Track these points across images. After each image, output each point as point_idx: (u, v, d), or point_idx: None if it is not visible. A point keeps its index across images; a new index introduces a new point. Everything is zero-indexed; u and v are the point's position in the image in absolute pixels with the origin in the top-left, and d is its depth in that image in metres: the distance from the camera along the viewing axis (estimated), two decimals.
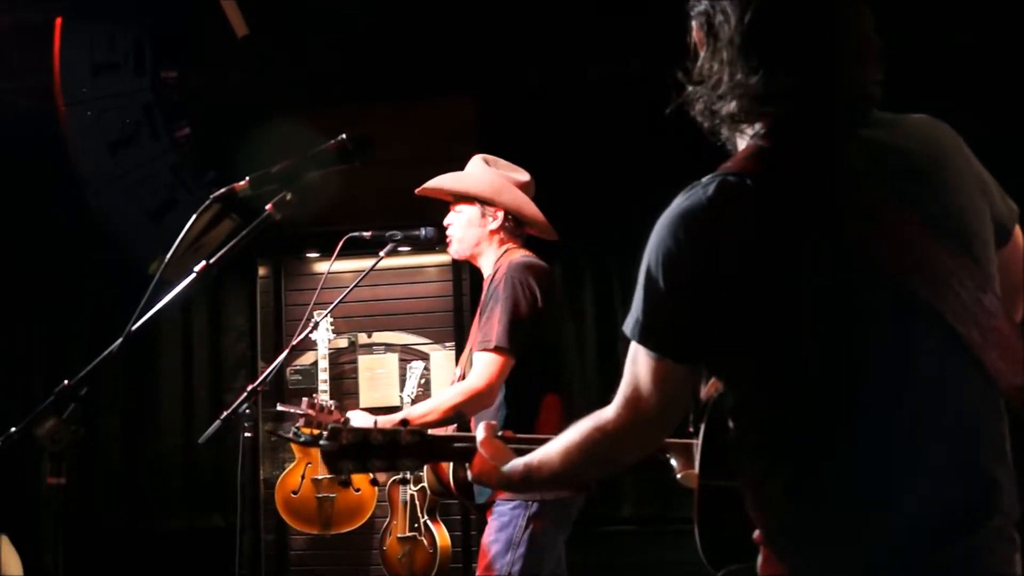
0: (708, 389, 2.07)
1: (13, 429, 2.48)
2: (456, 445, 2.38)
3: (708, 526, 2.00)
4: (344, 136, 2.88)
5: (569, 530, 4.06)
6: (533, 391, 3.94)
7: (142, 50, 5.84)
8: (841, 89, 1.84)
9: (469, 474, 2.38)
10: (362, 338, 7.18)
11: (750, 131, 1.90)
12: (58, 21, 5.68)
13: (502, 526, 3.90)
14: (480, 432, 2.29)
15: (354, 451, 2.28)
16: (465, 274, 6.84)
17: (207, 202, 2.90)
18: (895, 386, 1.74)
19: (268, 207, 2.94)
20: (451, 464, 4.11)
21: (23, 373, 7.63)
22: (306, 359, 6.92)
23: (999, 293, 1.80)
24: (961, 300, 1.73)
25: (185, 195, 6.07)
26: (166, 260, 2.97)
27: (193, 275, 2.88)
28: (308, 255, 7.29)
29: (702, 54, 1.90)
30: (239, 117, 6.84)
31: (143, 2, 5.97)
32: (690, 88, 1.93)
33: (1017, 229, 1.97)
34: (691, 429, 2.17)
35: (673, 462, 2.41)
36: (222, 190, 2.91)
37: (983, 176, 1.90)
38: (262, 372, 6.82)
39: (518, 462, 2.17)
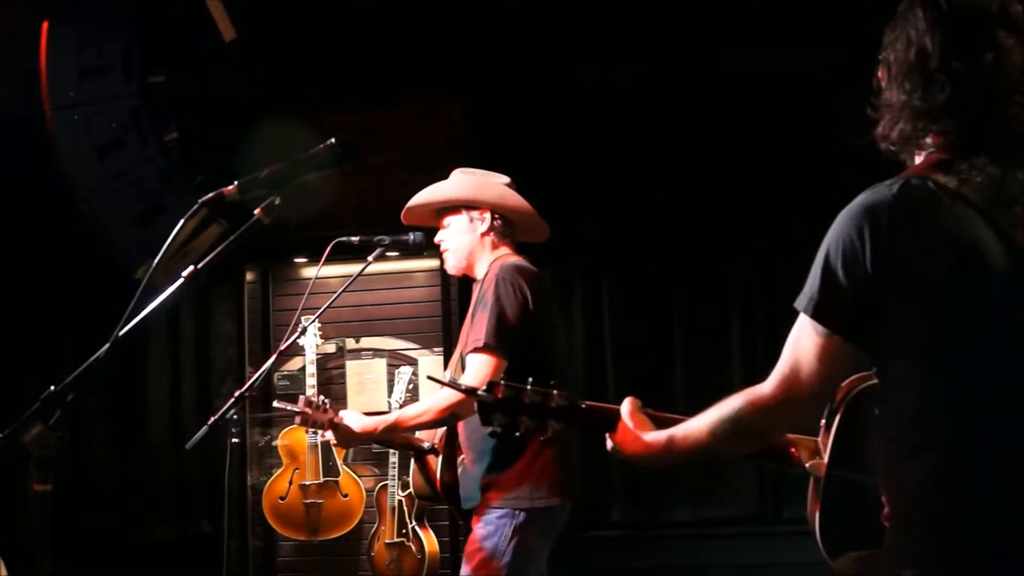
0: (844, 386, 2.25)
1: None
2: (602, 412, 2.40)
3: (831, 514, 2.12)
4: (333, 140, 2.88)
5: (554, 541, 4.06)
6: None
7: (129, 54, 5.81)
8: (1002, 111, 1.98)
9: (609, 443, 2.40)
10: (350, 343, 7.19)
11: (925, 147, 2.04)
12: (44, 24, 5.66)
13: (488, 535, 3.90)
14: (626, 404, 2.36)
15: (508, 405, 2.36)
16: (453, 279, 6.74)
17: (195, 207, 2.88)
18: None
19: (257, 212, 2.91)
20: (439, 466, 4.18)
21: (11, 378, 7.61)
22: (294, 364, 6.95)
23: None
24: None
25: (173, 200, 6.08)
26: (154, 265, 2.97)
27: (181, 280, 2.84)
28: (296, 260, 7.32)
29: (884, 87, 2.11)
30: (227, 121, 6.84)
31: (129, 6, 5.95)
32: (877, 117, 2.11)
33: None
34: (822, 423, 2.30)
35: (796, 452, 2.48)
36: (210, 195, 2.89)
37: None
38: (250, 377, 6.87)
39: (661, 433, 2.27)
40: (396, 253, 4.43)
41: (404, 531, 6.74)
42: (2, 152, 6.20)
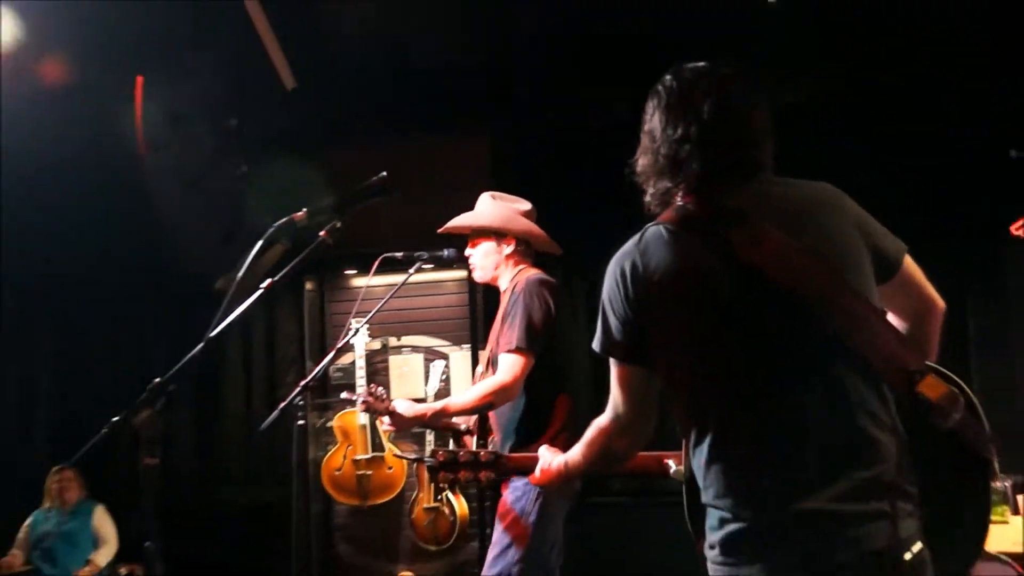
0: None
1: (115, 419, 2.60)
2: (522, 461, 2.62)
3: (692, 505, 2.11)
4: (383, 174, 2.93)
5: (572, 501, 4.04)
6: (548, 387, 3.95)
7: (208, 103, 5.89)
8: (735, 163, 2.08)
9: (533, 482, 2.55)
10: (392, 341, 7.16)
11: (676, 198, 2.12)
12: (139, 80, 5.72)
13: (516, 499, 3.88)
14: (543, 449, 2.52)
15: (448, 465, 2.63)
16: (479, 287, 6.67)
17: (271, 230, 2.94)
18: (783, 376, 1.93)
19: (322, 233, 2.99)
20: (474, 445, 4.16)
21: (118, 373, 7.70)
22: (346, 359, 6.89)
23: (875, 306, 1.97)
24: (842, 306, 1.92)
25: (244, 223, 6.14)
26: (237, 279, 3.04)
27: (260, 291, 2.93)
28: (347, 272, 7.29)
29: (642, 145, 2.20)
30: (288, 156, 6.90)
31: (208, 63, 6.00)
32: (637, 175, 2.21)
33: (907, 260, 2.12)
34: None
35: (671, 463, 2.59)
36: (283, 220, 2.96)
37: (862, 220, 2.07)
38: (310, 371, 6.88)
39: (562, 460, 2.43)
40: (431, 265, 4.43)
41: (439, 498, 6.69)
42: (109, 187, 6.24)
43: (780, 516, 1.88)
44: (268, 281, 2.98)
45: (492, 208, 4.22)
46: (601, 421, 2.23)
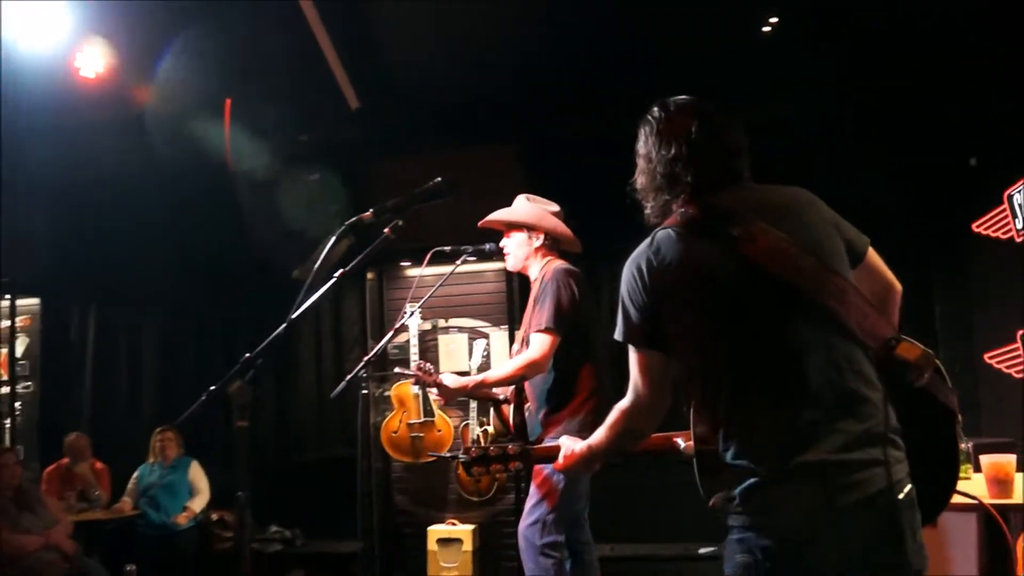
0: None
1: (212, 388, 2.58)
2: (547, 451, 2.51)
3: (703, 473, 2.11)
4: (440, 179, 2.95)
5: None
6: (574, 361, 3.94)
7: (284, 120, 5.93)
8: (722, 173, 2.14)
9: (556, 469, 2.46)
10: (441, 323, 7.16)
11: (671, 211, 2.16)
12: (227, 102, 5.77)
13: None
14: (564, 438, 2.43)
15: (480, 460, 2.50)
16: (515, 277, 6.76)
17: (342, 227, 2.95)
18: (785, 347, 1.96)
19: (386, 230, 2.99)
20: (512, 412, 4.17)
21: (208, 351, 7.85)
22: (402, 338, 6.89)
23: (855, 286, 2.00)
24: (828, 288, 1.96)
25: (315, 222, 6.18)
26: (313, 270, 3.07)
27: (333, 279, 2.96)
28: (402, 264, 7.28)
29: (639, 168, 2.24)
30: (351, 165, 6.95)
31: (284, 86, 6.05)
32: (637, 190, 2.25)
33: (870, 250, 2.18)
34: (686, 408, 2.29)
35: (679, 441, 2.52)
36: (353, 219, 2.96)
37: (835, 219, 2.13)
38: (371, 349, 6.93)
39: (583, 445, 2.36)
40: (474, 258, 4.43)
41: None
42: (204, 195, 6.30)
43: (791, 467, 1.89)
44: (340, 271, 2.99)
45: (526, 207, 4.23)
46: (623, 404, 2.21)
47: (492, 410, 4.40)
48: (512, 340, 6.85)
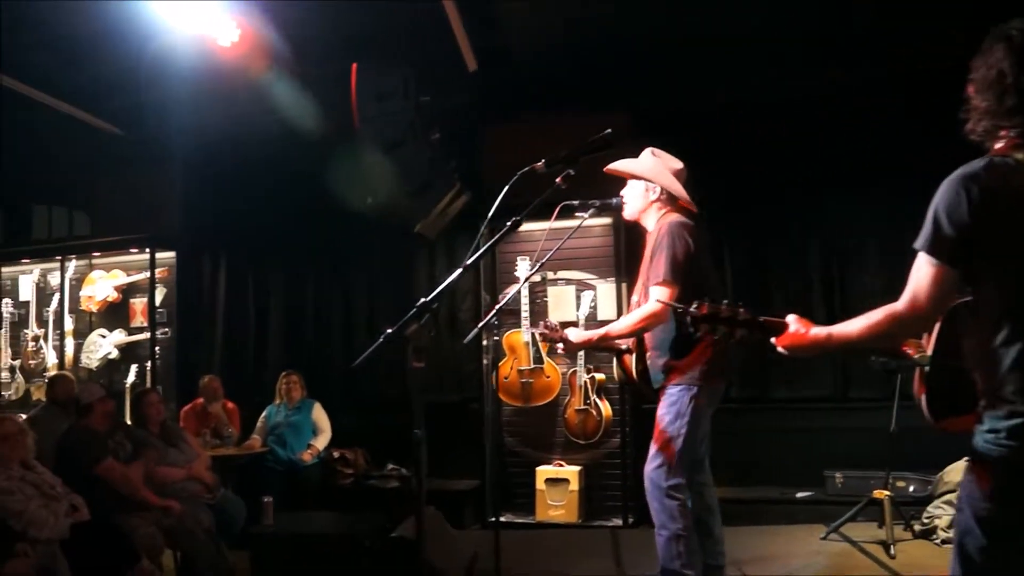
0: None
1: (388, 331, 2.67)
2: (773, 323, 2.37)
3: (935, 390, 2.16)
4: (608, 131, 3.06)
5: (715, 407, 4.12)
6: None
7: (407, 83, 6.05)
8: None
9: (778, 343, 2.36)
10: (550, 275, 7.22)
11: (1000, 138, 2.11)
12: (353, 67, 5.96)
13: (672, 403, 4.01)
14: (792, 317, 2.36)
15: (710, 318, 2.35)
16: (621, 232, 6.91)
17: (514, 178, 3.04)
18: None
19: (557, 180, 3.13)
20: (634, 361, 4.23)
21: (329, 300, 8.15)
22: (513, 289, 6.99)
23: None
24: None
25: (437, 179, 6.33)
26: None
27: (507, 226, 3.10)
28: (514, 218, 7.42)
29: (972, 96, 2.17)
30: (470, 126, 7.13)
31: (407, 51, 6.22)
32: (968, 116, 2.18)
33: None
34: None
35: (908, 350, 2.51)
36: (526, 168, 3.07)
37: None
38: (484, 301, 7.15)
39: (822, 330, 2.29)
40: (589, 212, 4.23)
41: (588, 401, 6.85)
42: (331, 157, 6.49)
43: None
44: (514, 219, 3.10)
45: (649, 161, 4.25)
46: (895, 308, 2.12)
47: (615, 359, 4.43)
48: (619, 292, 7.04)
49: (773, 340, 2.37)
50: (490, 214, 3.11)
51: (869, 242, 7.04)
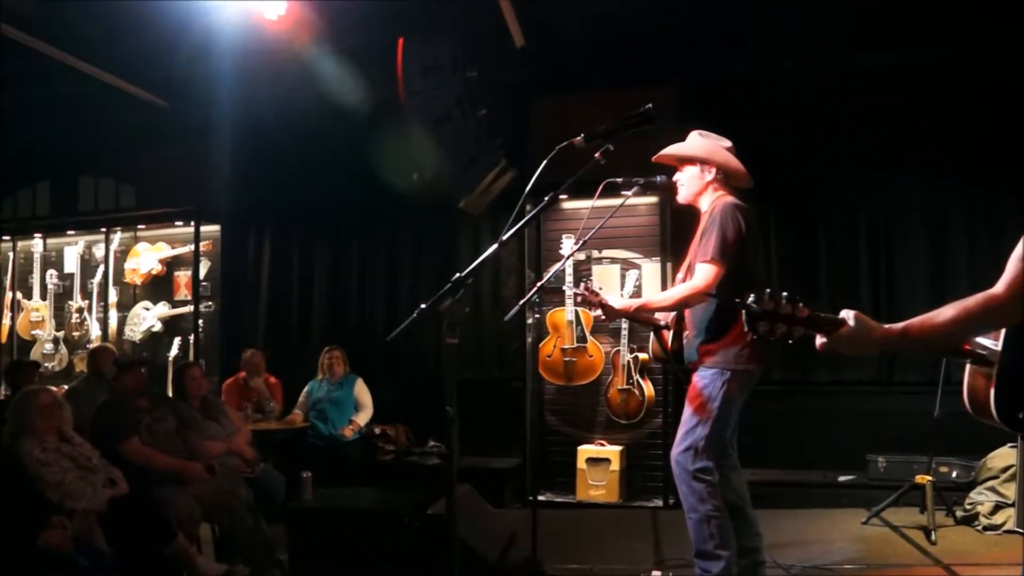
0: None
1: (423, 306, 2.65)
2: (830, 320, 2.16)
3: (1005, 386, 2.10)
4: (649, 106, 3.01)
5: (748, 392, 4.05)
6: (735, 294, 3.94)
7: (454, 57, 6.01)
8: None
9: (819, 340, 2.19)
10: (595, 254, 7.18)
11: None
12: (400, 40, 5.93)
13: (704, 385, 3.96)
14: (849, 312, 2.16)
15: (770, 315, 2.16)
16: (667, 211, 6.85)
17: (553, 152, 3.00)
18: None
19: (596, 155, 3.10)
20: (671, 338, 4.19)
21: (373, 277, 8.18)
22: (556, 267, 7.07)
23: None
24: None
25: (483, 154, 6.30)
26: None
27: (545, 201, 3.14)
28: (560, 196, 7.38)
29: None
30: (517, 102, 7.07)
31: (454, 24, 6.16)
32: None
33: None
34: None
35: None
36: (565, 143, 3.02)
37: None
38: (528, 278, 7.11)
39: (896, 327, 2.11)
40: (633, 190, 4.11)
41: (631, 381, 6.84)
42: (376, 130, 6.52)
43: None
44: (551, 194, 3.12)
45: (699, 141, 4.21)
46: (993, 294, 2.05)
47: (652, 335, 4.37)
48: (664, 271, 6.96)
49: (823, 339, 2.18)
50: (527, 189, 3.06)
51: (914, 219, 6.92)
